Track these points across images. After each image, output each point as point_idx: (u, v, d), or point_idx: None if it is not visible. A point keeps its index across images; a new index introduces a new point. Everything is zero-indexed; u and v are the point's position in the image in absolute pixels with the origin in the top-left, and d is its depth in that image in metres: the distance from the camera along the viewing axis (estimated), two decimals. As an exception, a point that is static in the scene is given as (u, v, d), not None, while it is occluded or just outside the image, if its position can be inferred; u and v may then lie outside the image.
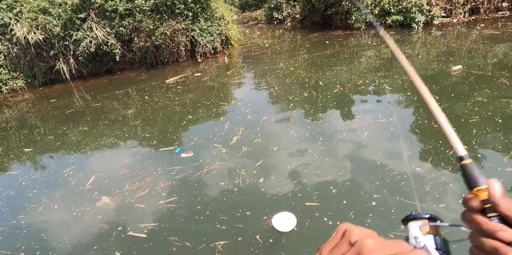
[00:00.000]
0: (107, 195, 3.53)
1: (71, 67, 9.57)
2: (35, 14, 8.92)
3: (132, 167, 3.98)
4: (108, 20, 9.01)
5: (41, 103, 8.27)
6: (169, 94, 6.82)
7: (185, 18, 9.01)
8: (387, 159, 3.23)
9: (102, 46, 9.00)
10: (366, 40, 9.54)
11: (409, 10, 10.34)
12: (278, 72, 7.20)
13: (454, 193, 2.70)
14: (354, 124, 4.07)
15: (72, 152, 4.86)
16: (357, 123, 4.10)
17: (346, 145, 3.63)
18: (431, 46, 7.88)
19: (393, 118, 4.10)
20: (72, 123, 6.25)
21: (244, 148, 3.88)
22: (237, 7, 20.55)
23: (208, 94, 6.40)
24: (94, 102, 7.36)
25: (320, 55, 8.18)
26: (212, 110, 5.44)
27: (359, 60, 7.30)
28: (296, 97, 5.36)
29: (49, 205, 3.58)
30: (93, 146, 4.94)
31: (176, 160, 3.92)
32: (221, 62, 9.15)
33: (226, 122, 4.74)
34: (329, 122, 4.20)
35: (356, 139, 3.74)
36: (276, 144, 3.85)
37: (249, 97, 5.80)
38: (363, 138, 3.73)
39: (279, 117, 4.69)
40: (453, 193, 2.70)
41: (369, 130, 3.85)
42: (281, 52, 9.44)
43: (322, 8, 11.84)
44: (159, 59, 9.63)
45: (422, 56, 7.00)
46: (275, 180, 3.19)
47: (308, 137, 3.91)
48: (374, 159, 3.27)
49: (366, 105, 4.70)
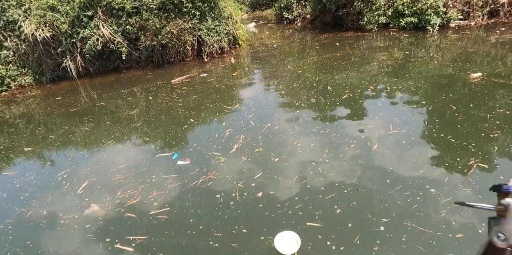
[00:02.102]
0: (98, 202, 3.37)
1: (78, 65, 9.53)
2: (43, 11, 8.89)
3: (126, 173, 3.82)
4: (115, 18, 8.91)
5: (47, 100, 8.24)
6: (174, 95, 6.66)
7: (192, 17, 8.83)
8: (398, 177, 2.95)
9: (108, 44, 8.91)
10: (378, 42, 9.19)
11: (424, 12, 9.93)
12: (285, 74, 6.95)
13: (473, 221, 2.40)
14: (363, 135, 3.79)
15: (69, 154, 4.74)
16: (366, 134, 3.82)
17: (354, 159, 3.35)
18: (447, 50, 7.49)
19: (405, 129, 3.80)
20: (75, 122, 6.15)
21: (243, 157, 3.65)
22: (247, 6, 20.31)
23: (213, 96, 6.20)
24: (99, 101, 7.27)
25: (329, 57, 7.88)
26: (215, 114, 5.23)
27: (370, 64, 6.99)
28: (303, 102, 5.09)
29: (38, 210, 3.45)
30: (91, 148, 4.81)
31: (172, 168, 3.73)
32: (227, 63, 8.95)
33: (227, 128, 4.53)
34: (336, 132, 3.91)
35: (365, 152, 3.46)
36: (277, 155, 3.61)
37: (254, 101, 5.56)
38: (372, 151, 3.45)
39: (283, 124, 4.42)
40: (471, 222, 2.40)
41: (379, 142, 3.57)
42: (290, 53, 9.17)
43: (333, 9, 11.50)
44: (166, 58, 9.49)
45: (438, 60, 6.64)
46: (275, 195, 2.96)
47: (313, 149, 3.65)
48: (384, 176, 3.00)
49: (376, 113, 4.40)
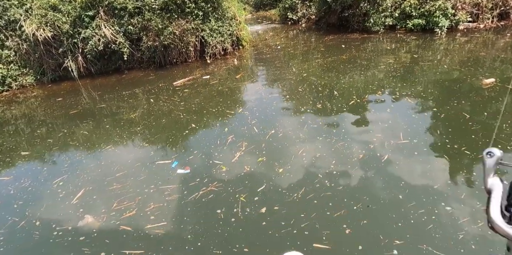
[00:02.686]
0: (93, 213, 3.22)
1: (79, 65, 9.42)
2: (44, 11, 8.78)
3: (124, 181, 3.66)
4: (117, 18, 8.77)
5: (48, 101, 8.14)
6: (175, 98, 6.51)
7: (195, 17, 8.67)
8: (411, 193, 2.77)
9: (110, 45, 8.78)
10: (385, 44, 8.98)
11: (432, 14, 9.69)
12: (290, 77, 6.77)
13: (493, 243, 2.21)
14: (372, 144, 3.60)
15: (67, 159, 4.60)
16: (375, 143, 3.63)
17: (363, 171, 3.16)
18: (456, 54, 7.27)
19: (417, 138, 3.61)
20: (74, 125, 6.03)
21: (246, 167, 3.48)
22: (251, 6, 20.12)
23: (215, 99, 6.04)
24: (99, 103, 7.14)
25: (335, 60, 7.69)
26: (217, 119, 5.07)
27: (378, 67, 6.79)
28: (308, 108, 4.90)
29: (31, 220, 3.31)
30: (89, 153, 4.66)
31: (172, 177, 3.57)
32: (231, 64, 8.78)
33: (230, 134, 4.36)
34: (343, 141, 3.73)
35: (374, 164, 3.27)
36: (282, 165, 3.43)
37: (257, 105, 5.38)
38: (382, 163, 3.26)
39: (287, 131, 4.22)
40: (492, 246, 2.22)
41: (389, 153, 3.38)
42: (294, 55, 8.99)
43: (338, 10, 11.29)
44: (168, 59, 9.34)
45: (448, 65, 6.43)
46: (279, 212, 2.79)
47: (319, 159, 3.46)
48: (396, 192, 2.82)
49: (385, 121, 4.21)
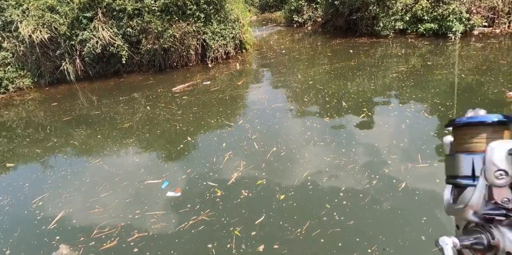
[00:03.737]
0: (69, 242, 2.85)
1: (77, 68, 9.14)
2: (41, 12, 8.51)
3: (108, 204, 3.29)
4: (116, 20, 8.47)
5: (43, 105, 7.86)
6: (173, 105, 6.15)
7: (196, 20, 8.33)
8: (435, 233, 2.35)
9: (108, 47, 8.47)
10: (395, 50, 8.54)
11: (445, 18, 9.23)
12: (295, 85, 6.36)
13: None
14: (387, 168, 3.18)
15: (51, 174, 4.24)
16: (390, 166, 3.21)
17: (378, 202, 2.74)
18: (474, 61, 6.81)
19: (437, 162, 3.18)
20: (65, 134, 5.71)
21: (243, 192, 3.09)
22: (256, 8, 19.80)
23: (215, 109, 5.66)
24: (95, 109, 6.81)
25: (343, 66, 7.27)
26: (215, 132, 4.68)
27: (389, 76, 6.35)
28: (315, 122, 4.48)
29: (1, 249, 2.95)
30: (75, 168, 4.30)
31: (160, 201, 3.19)
32: (233, 69, 8.41)
33: (228, 151, 3.97)
34: (354, 164, 3.30)
35: (390, 192, 2.85)
36: (284, 190, 3.03)
37: (259, 117, 4.97)
38: (399, 192, 2.84)
39: (291, 150, 3.78)
40: None
41: (407, 180, 2.96)
42: (300, 60, 8.58)
43: (346, 13, 10.88)
44: (168, 62, 9.01)
45: (466, 74, 5.97)
46: (279, 252, 2.38)
47: (327, 185, 3.05)
48: (417, 231, 2.40)
49: (401, 139, 3.76)
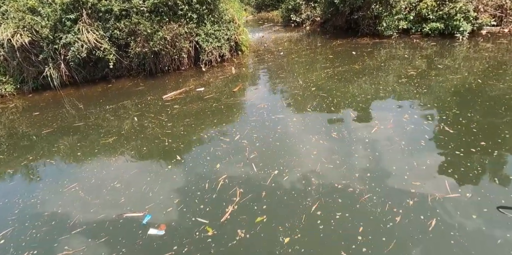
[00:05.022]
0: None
1: (62, 73, 8.52)
2: (22, 14, 7.88)
3: (79, 244, 2.77)
4: (102, 22, 7.87)
5: (24, 115, 7.28)
6: (163, 116, 5.62)
7: (188, 20, 7.77)
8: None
9: (94, 51, 7.88)
10: (400, 51, 8.07)
11: (452, 17, 8.78)
12: (296, 92, 5.86)
13: None
14: (411, 199, 2.69)
15: (19, 202, 3.67)
16: (415, 197, 2.72)
17: (405, 249, 2.25)
18: (488, 64, 6.36)
19: (471, 191, 2.71)
20: (42, 150, 5.15)
21: (240, 232, 2.58)
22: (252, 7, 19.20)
23: (208, 120, 5.15)
24: (78, 120, 6.25)
25: (346, 70, 6.79)
26: (208, 149, 4.16)
27: (398, 81, 5.87)
28: (321, 138, 3.97)
29: None
30: (47, 194, 3.75)
31: (140, 241, 2.68)
32: (228, 73, 7.88)
33: (222, 174, 3.46)
34: (370, 193, 2.77)
35: (419, 233, 2.37)
36: (289, 231, 2.52)
37: (258, 130, 4.45)
38: (430, 233, 2.35)
39: (296, 174, 3.27)
40: None
41: (436, 216, 2.46)
42: (300, 63, 8.07)
43: (347, 12, 10.38)
44: (159, 66, 8.46)
45: (482, 79, 5.51)
46: None
47: (340, 223, 2.54)
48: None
49: (423, 162, 3.26)
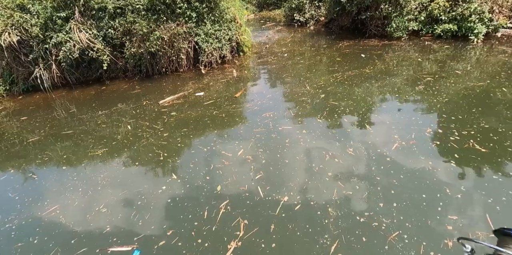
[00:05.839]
0: None
1: (53, 74, 8.04)
2: (10, 11, 7.38)
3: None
4: (96, 20, 7.39)
5: (11, 119, 6.80)
6: (158, 124, 5.16)
7: (187, 19, 7.29)
8: None
9: (87, 51, 7.40)
10: (413, 54, 7.61)
11: (465, 18, 8.32)
12: (304, 100, 5.39)
13: None
14: (449, 239, 2.22)
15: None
16: (453, 236, 2.29)
17: None
18: (508, 69, 5.91)
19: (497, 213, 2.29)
20: (25, 163, 4.68)
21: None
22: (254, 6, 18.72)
23: (208, 131, 4.68)
24: (68, 127, 5.78)
25: (357, 75, 6.33)
26: (208, 167, 3.69)
27: (415, 89, 5.40)
28: (336, 155, 3.50)
29: None
30: (23, 219, 3.28)
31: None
32: (229, 76, 7.42)
33: (223, 198, 3.00)
34: (400, 230, 2.30)
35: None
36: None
37: (263, 145, 3.98)
38: None
39: (309, 202, 2.80)
40: None
41: None
42: (305, 66, 7.61)
43: (354, 11, 9.91)
44: (156, 68, 7.98)
45: (505, 85, 5.06)
46: None
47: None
48: None
49: (455, 189, 2.84)
